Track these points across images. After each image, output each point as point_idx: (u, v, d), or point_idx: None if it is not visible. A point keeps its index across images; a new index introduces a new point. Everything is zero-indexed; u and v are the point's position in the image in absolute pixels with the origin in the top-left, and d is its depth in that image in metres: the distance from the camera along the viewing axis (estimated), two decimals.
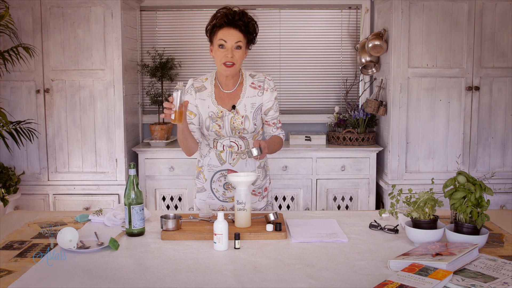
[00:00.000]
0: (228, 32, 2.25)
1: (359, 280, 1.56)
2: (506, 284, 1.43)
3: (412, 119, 3.84)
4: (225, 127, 2.35)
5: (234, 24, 2.24)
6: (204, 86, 2.40)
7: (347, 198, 4.02)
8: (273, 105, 2.40)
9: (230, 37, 2.24)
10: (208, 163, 2.43)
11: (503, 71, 3.80)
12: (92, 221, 2.21)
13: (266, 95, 2.38)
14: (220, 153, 2.40)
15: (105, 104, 3.85)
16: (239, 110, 2.34)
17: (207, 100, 2.37)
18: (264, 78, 2.40)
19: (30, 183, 3.92)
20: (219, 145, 2.39)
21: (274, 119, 2.43)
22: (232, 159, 2.40)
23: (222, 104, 2.37)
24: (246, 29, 2.27)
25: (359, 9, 4.38)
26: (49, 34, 3.80)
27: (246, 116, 2.34)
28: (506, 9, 3.75)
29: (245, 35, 2.28)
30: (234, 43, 2.25)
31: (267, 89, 2.38)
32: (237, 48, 2.26)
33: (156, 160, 3.97)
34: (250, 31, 2.29)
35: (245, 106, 2.35)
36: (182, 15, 4.41)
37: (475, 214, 1.79)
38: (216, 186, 2.44)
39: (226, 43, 2.25)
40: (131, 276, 1.60)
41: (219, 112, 2.35)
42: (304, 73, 4.46)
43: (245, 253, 1.80)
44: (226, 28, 2.25)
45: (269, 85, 2.39)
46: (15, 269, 1.67)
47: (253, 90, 2.38)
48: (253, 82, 2.39)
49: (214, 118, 2.35)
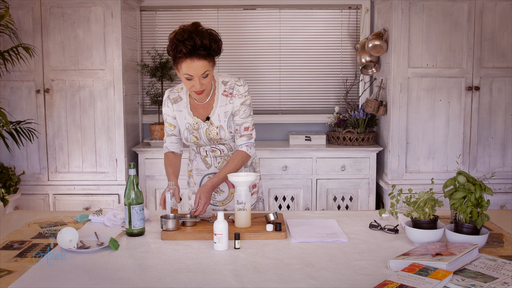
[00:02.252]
0: (192, 65, 2.08)
1: (359, 280, 1.56)
2: (506, 284, 1.43)
3: (412, 119, 3.84)
4: (202, 138, 2.33)
5: (196, 54, 2.07)
6: (179, 96, 2.34)
7: (347, 198, 4.02)
8: (239, 110, 2.29)
9: (196, 71, 2.10)
10: (196, 167, 2.46)
11: (503, 71, 3.80)
12: (92, 221, 2.21)
13: (234, 101, 2.29)
14: (205, 157, 2.42)
15: (105, 104, 3.85)
16: (213, 121, 2.29)
17: (184, 111, 2.33)
18: (234, 84, 2.29)
19: (30, 183, 3.92)
20: (202, 150, 2.40)
21: (237, 125, 2.31)
22: (217, 162, 2.41)
23: (197, 114, 2.32)
24: (209, 53, 2.11)
25: (359, 9, 4.38)
26: (49, 34, 3.80)
27: (220, 126, 2.30)
28: (506, 9, 3.75)
29: (210, 58, 2.13)
30: (201, 75, 2.12)
31: (235, 96, 2.29)
32: (204, 77, 2.14)
33: (156, 160, 3.97)
34: (215, 51, 2.13)
35: (219, 116, 2.29)
36: (182, 15, 4.41)
37: (475, 214, 1.79)
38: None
39: (192, 76, 2.12)
40: (131, 276, 1.60)
41: (195, 123, 2.31)
42: (304, 73, 4.46)
43: (245, 253, 1.80)
44: (189, 59, 2.08)
45: (238, 91, 2.28)
46: (15, 269, 1.67)
47: (225, 98, 2.29)
48: (225, 89, 2.29)
49: (191, 130, 2.32)
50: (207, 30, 2.13)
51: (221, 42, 2.17)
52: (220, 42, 2.16)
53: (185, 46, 2.06)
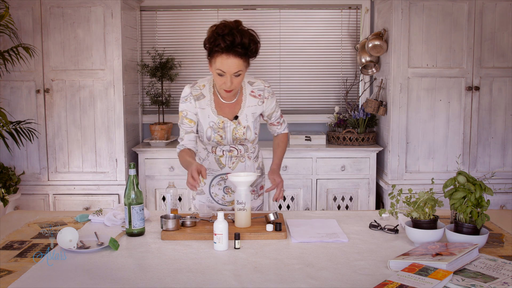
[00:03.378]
0: (227, 61, 2.07)
1: (359, 280, 1.56)
2: (506, 284, 1.43)
3: (412, 119, 3.84)
4: (227, 138, 2.29)
5: (233, 51, 2.06)
6: (202, 94, 2.28)
7: (347, 198, 4.02)
8: (275, 108, 2.41)
9: (229, 68, 2.09)
10: (207, 166, 2.39)
11: (503, 71, 3.80)
12: (92, 221, 2.21)
13: (267, 103, 2.34)
14: (220, 157, 2.37)
15: (105, 104, 3.85)
16: (241, 121, 2.29)
17: (207, 109, 2.27)
18: (263, 87, 2.32)
19: (30, 183, 3.92)
20: (218, 150, 2.35)
21: (277, 119, 2.45)
22: (232, 162, 2.37)
23: (223, 113, 2.28)
24: (246, 53, 2.10)
25: (359, 9, 4.38)
26: (49, 34, 3.80)
27: (247, 126, 2.29)
28: (506, 9, 3.75)
29: (246, 58, 2.12)
30: (233, 73, 2.11)
31: (267, 97, 2.33)
32: (236, 76, 2.13)
33: (156, 160, 3.97)
34: (252, 51, 2.12)
35: (247, 116, 2.29)
36: (182, 15, 4.41)
37: (475, 214, 1.79)
38: (215, 190, 2.42)
39: (225, 73, 2.11)
40: (131, 276, 1.60)
41: (220, 122, 2.27)
42: (304, 73, 4.46)
43: (245, 253, 1.80)
44: (225, 55, 2.07)
45: (269, 92, 2.33)
46: (15, 269, 1.67)
47: (253, 99, 2.30)
48: (253, 90, 2.30)
49: (216, 129, 2.27)
50: (248, 30, 2.11)
51: (259, 44, 2.15)
52: (259, 44, 2.15)
53: (224, 40, 2.04)
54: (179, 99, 2.32)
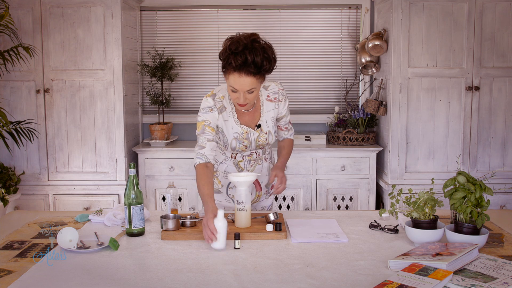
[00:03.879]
0: (239, 80, 2.03)
1: (359, 280, 1.56)
2: (506, 284, 1.43)
3: (412, 119, 3.84)
4: (251, 146, 2.30)
5: (245, 70, 2.01)
6: (223, 106, 2.24)
7: (347, 198, 4.02)
8: (286, 112, 2.38)
9: (242, 86, 2.05)
10: (224, 170, 2.38)
11: (503, 71, 3.80)
12: (92, 221, 2.21)
13: (281, 105, 2.33)
14: (239, 162, 2.36)
15: (105, 104, 3.85)
16: (263, 128, 2.30)
17: (230, 120, 2.25)
18: (278, 90, 2.31)
19: (30, 183, 3.92)
20: (238, 156, 2.34)
21: (286, 124, 2.43)
22: (250, 166, 2.37)
23: (244, 122, 2.27)
24: (259, 71, 2.04)
25: (359, 9, 4.38)
26: (49, 34, 3.80)
27: (269, 132, 2.31)
28: (506, 9, 3.75)
29: (260, 75, 2.07)
30: (246, 90, 2.07)
31: (281, 100, 2.32)
32: (250, 92, 2.09)
33: (156, 160, 3.97)
34: (264, 72, 2.07)
35: (267, 122, 2.30)
36: (182, 15, 4.41)
37: (475, 214, 1.79)
38: (232, 192, 2.41)
39: (237, 90, 2.08)
40: (131, 276, 1.60)
41: (244, 132, 2.26)
42: (304, 73, 4.46)
43: (245, 253, 1.80)
44: (237, 74, 2.02)
45: (283, 95, 2.32)
46: (15, 269, 1.67)
47: (270, 104, 2.30)
48: (268, 94, 2.29)
49: (241, 140, 2.27)
50: (263, 47, 2.05)
51: (274, 61, 2.10)
52: (274, 62, 2.09)
53: (235, 60, 2.00)
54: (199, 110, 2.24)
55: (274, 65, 2.11)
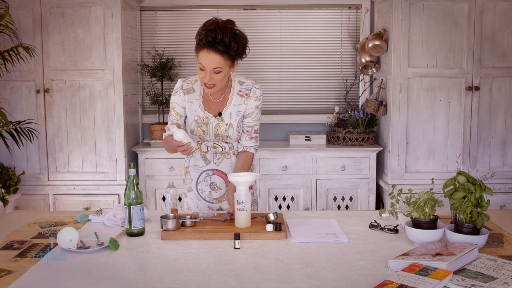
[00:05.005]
0: (207, 56, 2.12)
1: (359, 280, 1.56)
2: (506, 284, 1.43)
3: (412, 119, 3.84)
4: (209, 133, 2.33)
5: (214, 47, 2.10)
6: (193, 88, 2.35)
7: (347, 198, 4.02)
8: (253, 113, 2.34)
9: (208, 63, 2.13)
10: (194, 163, 2.44)
11: (503, 71, 3.80)
12: (92, 221, 2.21)
13: (249, 102, 2.33)
14: (205, 153, 2.40)
15: (105, 104, 3.85)
16: (224, 118, 2.31)
17: (195, 103, 2.33)
18: (251, 86, 2.33)
19: (30, 183, 3.92)
20: (203, 146, 2.39)
21: (249, 127, 2.36)
22: (217, 158, 2.40)
23: (209, 109, 2.32)
24: (227, 51, 2.12)
25: (359, 9, 4.38)
26: (49, 34, 3.80)
27: (230, 124, 2.32)
28: (506, 9, 3.75)
29: (228, 55, 2.14)
30: (212, 69, 2.14)
31: (251, 97, 2.33)
32: (216, 72, 2.15)
33: (156, 160, 3.97)
34: (233, 53, 2.14)
35: (231, 114, 2.32)
36: (182, 15, 4.41)
37: (475, 214, 1.79)
38: (202, 187, 2.45)
39: (204, 67, 2.15)
40: (131, 276, 1.60)
41: (204, 117, 2.32)
42: (304, 73, 4.46)
43: (245, 253, 1.80)
44: (206, 50, 2.12)
45: (255, 93, 2.33)
46: (15, 269, 1.67)
47: (240, 98, 2.33)
48: (241, 89, 2.33)
49: (200, 123, 2.32)
50: (234, 30, 2.15)
51: (242, 46, 2.17)
52: (242, 45, 2.17)
53: (206, 36, 2.11)
54: None
55: (243, 51, 2.19)
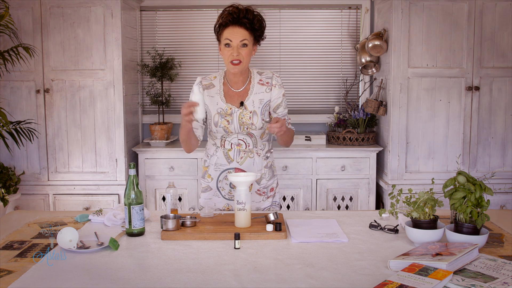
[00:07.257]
0: (233, 30, 2.26)
1: (359, 280, 1.56)
2: (506, 284, 1.43)
3: (412, 119, 3.84)
4: (234, 123, 2.35)
5: (239, 22, 2.25)
6: (212, 84, 2.41)
7: (347, 198, 4.02)
8: (282, 102, 2.41)
9: (235, 36, 2.26)
10: (215, 162, 2.43)
11: (503, 71, 3.80)
12: (92, 221, 2.21)
13: (274, 91, 2.39)
14: (228, 151, 2.40)
15: (105, 104, 3.85)
16: (247, 106, 2.35)
17: (216, 97, 2.38)
18: (272, 75, 2.42)
19: (30, 183, 3.92)
20: (227, 143, 2.39)
21: (284, 116, 2.43)
22: (240, 157, 2.40)
23: (231, 101, 2.37)
24: (251, 26, 2.27)
25: (359, 9, 4.38)
26: (49, 34, 3.80)
27: (254, 111, 2.35)
28: (506, 9, 3.75)
29: (251, 32, 2.29)
30: (240, 42, 2.26)
31: (275, 85, 2.39)
32: (243, 46, 2.27)
33: (156, 160, 3.97)
34: (256, 28, 2.29)
35: (253, 102, 2.36)
36: (182, 15, 4.41)
37: (475, 214, 1.79)
38: (222, 185, 2.45)
39: (231, 42, 2.26)
40: (131, 276, 1.60)
41: (228, 108, 2.35)
42: (304, 73, 4.46)
43: (245, 253, 1.80)
44: (231, 27, 2.26)
45: (277, 81, 2.41)
46: (15, 269, 1.67)
47: (261, 87, 2.39)
48: (261, 79, 2.40)
49: (223, 114, 2.35)
50: (255, 12, 2.30)
51: (264, 26, 2.33)
52: (263, 26, 2.33)
53: (230, 13, 2.26)
54: None
55: (264, 29, 2.35)
